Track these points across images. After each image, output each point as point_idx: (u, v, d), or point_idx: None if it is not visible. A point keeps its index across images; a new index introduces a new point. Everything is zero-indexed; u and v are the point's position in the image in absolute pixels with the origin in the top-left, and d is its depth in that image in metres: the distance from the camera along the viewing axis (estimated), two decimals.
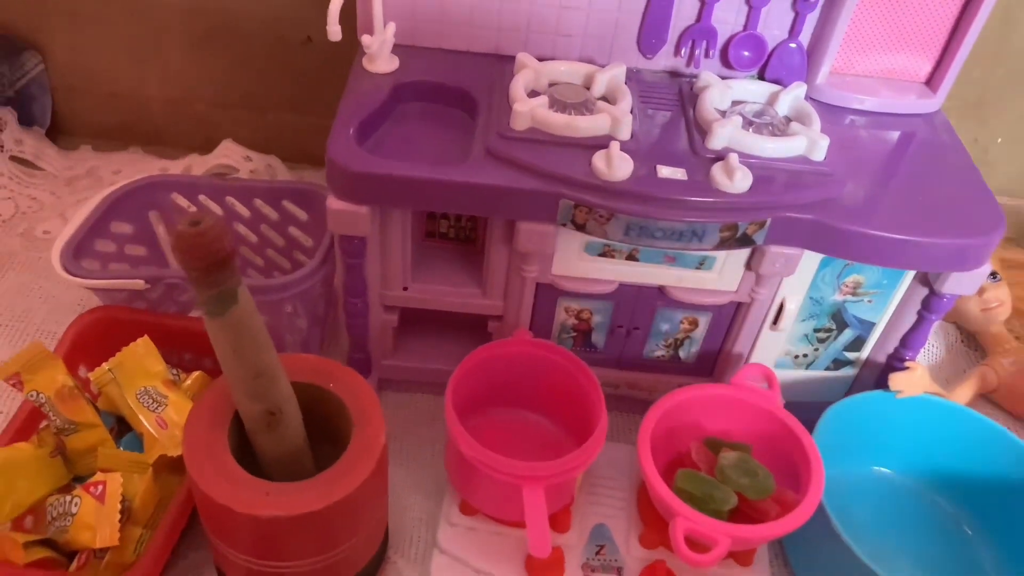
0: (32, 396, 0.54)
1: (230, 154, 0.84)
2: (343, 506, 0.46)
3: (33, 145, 0.85)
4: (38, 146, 0.85)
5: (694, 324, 0.62)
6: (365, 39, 0.59)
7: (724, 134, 0.55)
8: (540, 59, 0.61)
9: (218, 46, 0.83)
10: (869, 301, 0.61)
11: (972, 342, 0.79)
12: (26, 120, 0.86)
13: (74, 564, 0.51)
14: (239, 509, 0.45)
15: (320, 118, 0.87)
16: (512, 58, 0.62)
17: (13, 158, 0.83)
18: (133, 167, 0.86)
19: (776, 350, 0.63)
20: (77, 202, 0.82)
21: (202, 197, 0.69)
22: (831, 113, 0.62)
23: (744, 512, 0.55)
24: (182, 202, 0.69)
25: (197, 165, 0.84)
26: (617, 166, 0.52)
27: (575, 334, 0.63)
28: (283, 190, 0.69)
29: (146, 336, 0.59)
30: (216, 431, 0.48)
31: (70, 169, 0.86)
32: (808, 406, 0.61)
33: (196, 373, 0.60)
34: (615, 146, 0.53)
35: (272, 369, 0.46)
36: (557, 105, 0.56)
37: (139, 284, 0.60)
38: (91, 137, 0.90)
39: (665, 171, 0.53)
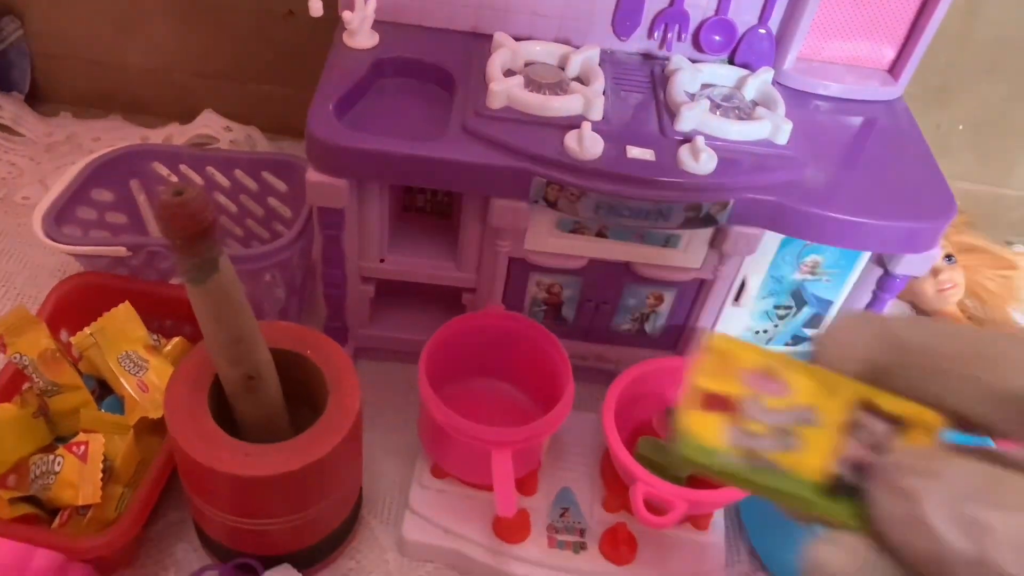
0: (16, 358, 0.56)
1: (211, 124, 0.84)
2: (319, 467, 0.48)
3: (12, 111, 0.85)
4: (17, 112, 0.85)
5: (660, 299, 0.64)
6: (346, 15, 0.60)
7: (692, 117, 0.57)
8: (517, 38, 0.62)
9: (200, 17, 0.83)
10: (827, 280, 0.63)
11: None
12: (5, 86, 0.86)
13: (57, 520, 0.53)
14: (220, 469, 0.47)
15: (300, 90, 0.87)
16: (489, 36, 0.63)
17: None
18: (113, 134, 0.87)
19: (738, 325, 0.66)
20: (56, 168, 0.83)
21: (183, 167, 0.70)
22: (797, 98, 0.64)
23: (701, 479, 0.57)
24: (163, 171, 0.71)
25: (178, 134, 0.85)
26: (588, 146, 0.54)
27: (546, 307, 0.65)
28: (263, 161, 0.70)
29: (127, 302, 0.61)
30: (196, 394, 0.50)
31: (49, 135, 0.86)
32: None
33: (176, 339, 0.62)
34: (587, 126, 0.55)
35: (251, 335, 0.48)
36: (532, 85, 0.58)
37: (121, 251, 0.61)
38: (71, 104, 0.90)
39: (634, 151, 0.55)
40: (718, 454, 0.20)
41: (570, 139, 0.55)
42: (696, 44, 0.65)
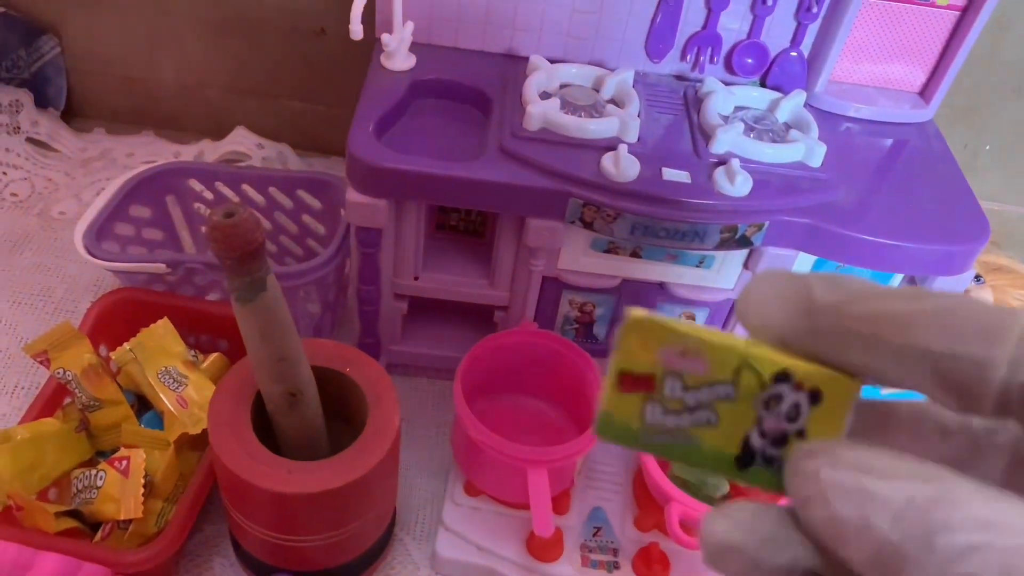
0: (59, 374, 0.57)
1: (242, 141, 0.85)
2: (359, 485, 0.49)
3: (48, 127, 0.86)
4: (53, 128, 0.87)
5: (692, 319, 0.65)
6: (384, 37, 0.61)
7: (726, 139, 0.58)
8: (552, 60, 0.63)
9: (232, 34, 0.84)
10: None
11: None
12: (41, 102, 0.87)
13: (99, 534, 0.54)
14: (262, 485, 0.47)
15: (331, 107, 0.89)
16: (524, 58, 0.64)
17: (29, 139, 0.85)
18: (146, 150, 0.88)
19: None
20: (92, 183, 0.84)
21: (219, 184, 0.71)
22: (828, 120, 0.65)
23: (736, 499, 0.58)
24: (199, 188, 0.72)
25: (210, 151, 0.86)
26: (625, 168, 0.54)
27: (577, 326, 0.66)
28: (298, 179, 0.71)
29: (166, 318, 0.61)
30: (239, 411, 0.50)
31: (84, 151, 0.87)
32: None
33: (214, 355, 0.63)
34: (623, 148, 0.55)
35: (295, 353, 0.49)
36: (568, 107, 0.59)
37: (160, 268, 0.62)
38: (105, 120, 0.91)
39: (670, 173, 0.56)
40: (636, 434, 0.21)
41: (606, 161, 0.55)
42: (728, 66, 0.65)
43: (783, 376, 0.20)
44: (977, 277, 0.79)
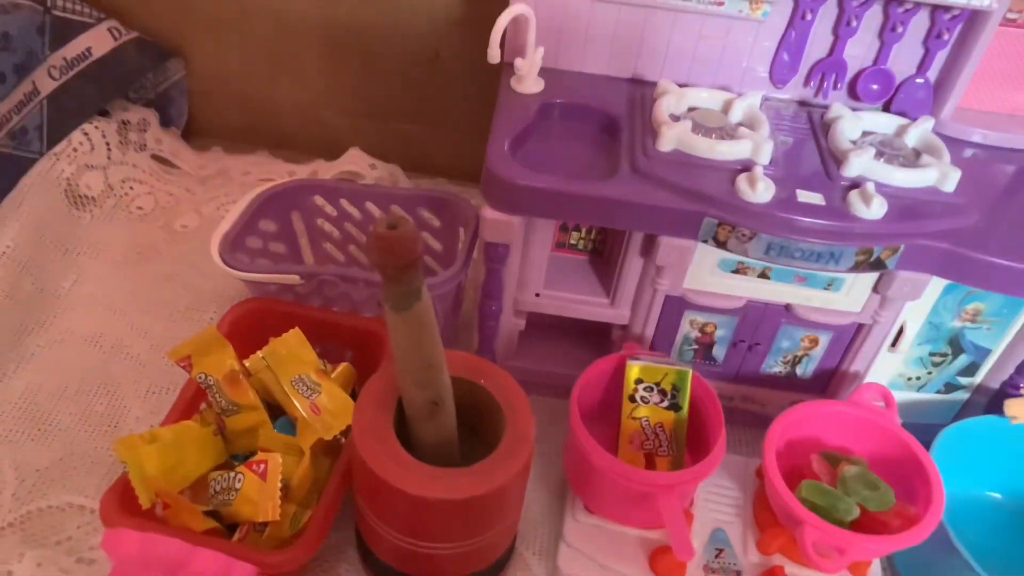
0: (201, 378, 0.59)
1: (356, 161, 0.88)
2: (499, 493, 0.50)
3: (171, 144, 0.90)
4: (175, 146, 0.91)
5: (815, 342, 0.64)
6: (517, 62, 0.63)
7: (859, 163, 0.58)
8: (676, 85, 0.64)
9: (350, 58, 0.88)
10: (988, 328, 0.62)
11: None
12: (164, 121, 0.91)
13: (236, 535, 0.55)
14: (407, 490, 0.48)
15: (439, 130, 0.92)
16: (649, 83, 0.65)
17: (154, 156, 0.89)
18: (261, 168, 0.91)
19: (890, 371, 0.65)
20: (211, 199, 0.87)
21: (343, 201, 0.74)
22: (953, 146, 0.64)
23: (863, 524, 0.57)
24: (323, 204, 0.74)
25: (324, 170, 0.89)
26: (761, 188, 0.55)
27: (697, 347, 0.66)
28: (419, 197, 0.73)
29: (297, 328, 0.63)
30: (382, 417, 0.52)
31: (203, 168, 0.91)
32: (914, 427, 0.62)
33: (343, 364, 0.64)
34: (758, 170, 0.56)
35: (440, 361, 0.50)
36: (699, 129, 0.60)
37: (294, 279, 0.64)
38: (221, 138, 0.95)
39: (804, 195, 0.56)
40: None
41: (741, 181, 0.56)
42: (852, 92, 0.66)
43: None
44: None
